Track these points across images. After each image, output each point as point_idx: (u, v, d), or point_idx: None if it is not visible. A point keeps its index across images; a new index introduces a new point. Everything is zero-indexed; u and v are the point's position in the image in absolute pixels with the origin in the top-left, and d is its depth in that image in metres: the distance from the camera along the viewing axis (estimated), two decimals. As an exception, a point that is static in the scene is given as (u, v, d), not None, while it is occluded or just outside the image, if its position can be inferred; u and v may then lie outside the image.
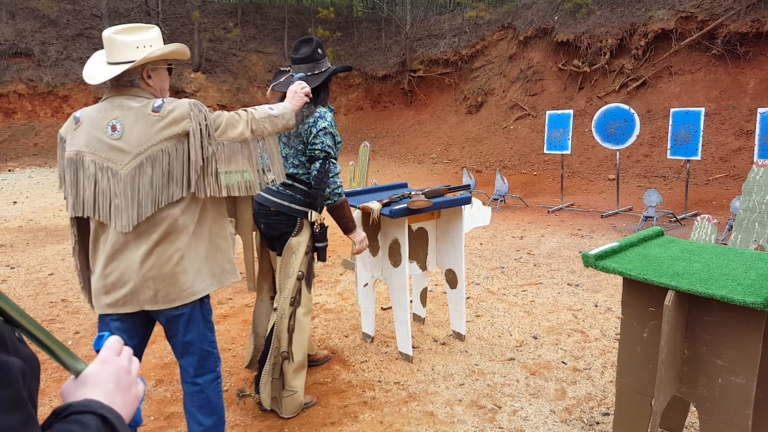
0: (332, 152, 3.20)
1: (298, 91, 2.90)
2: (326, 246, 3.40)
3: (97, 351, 1.00)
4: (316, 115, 3.20)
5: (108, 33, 2.33)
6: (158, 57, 2.38)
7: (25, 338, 0.87)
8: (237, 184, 2.46)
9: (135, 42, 2.33)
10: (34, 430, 0.75)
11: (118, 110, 2.32)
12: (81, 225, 2.50)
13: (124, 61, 2.32)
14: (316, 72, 3.27)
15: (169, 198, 2.32)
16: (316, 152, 3.18)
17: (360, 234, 3.45)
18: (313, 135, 3.18)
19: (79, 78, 21.21)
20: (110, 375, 0.95)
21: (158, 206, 2.30)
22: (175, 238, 2.35)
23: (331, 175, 3.20)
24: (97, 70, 2.37)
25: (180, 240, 2.36)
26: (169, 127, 2.29)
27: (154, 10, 23.21)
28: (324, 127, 3.18)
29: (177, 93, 21.37)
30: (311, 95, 3.02)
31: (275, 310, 3.34)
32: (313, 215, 3.28)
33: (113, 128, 2.29)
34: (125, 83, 2.36)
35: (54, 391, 3.76)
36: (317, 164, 3.18)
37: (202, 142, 2.33)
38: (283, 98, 3.06)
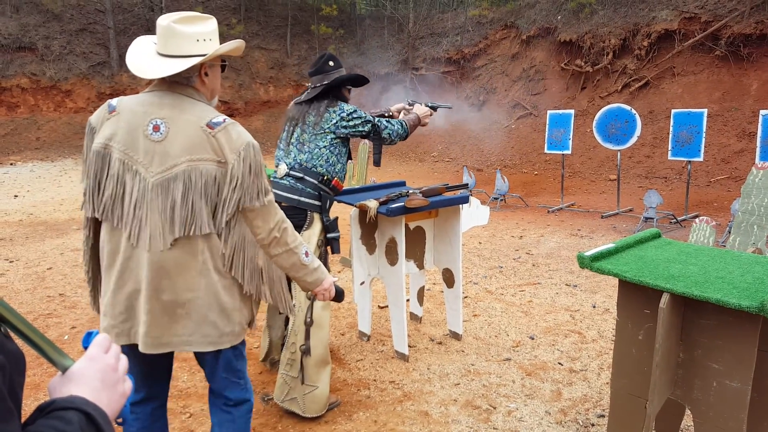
0: (371, 118, 3.46)
1: (326, 293, 2.49)
2: (338, 237, 3.44)
3: (86, 348, 1.00)
4: (337, 105, 3.43)
5: (167, 21, 2.04)
6: (226, 52, 2.14)
7: (11, 333, 0.86)
8: None
9: (196, 34, 2.06)
10: (10, 424, 0.74)
11: (168, 109, 2.03)
12: (97, 227, 2.20)
13: (184, 54, 2.04)
14: (325, 82, 3.45)
15: (207, 228, 2.04)
16: (364, 132, 3.46)
17: (424, 109, 3.92)
18: (342, 119, 3.37)
19: (82, 73, 21.25)
20: (96, 372, 0.95)
21: (189, 231, 2.02)
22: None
23: (386, 134, 3.53)
24: (152, 62, 2.06)
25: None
26: (216, 149, 2.02)
27: (157, 6, 23.16)
28: (353, 109, 3.41)
29: (179, 89, 21.35)
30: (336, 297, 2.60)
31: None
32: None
33: (156, 128, 2.01)
34: (181, 80, 2.09)
35: (49, 386, 3.76)
36: (371, 136, 3.50)
37: (241, 190, 2.04)
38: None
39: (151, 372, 2.30)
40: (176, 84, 2.09)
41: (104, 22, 22.42)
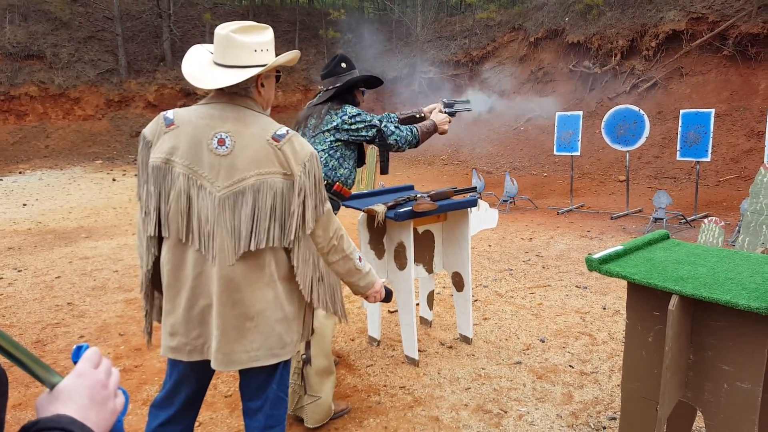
0: (376, 122, 3.33)
1: (377, 295, 2.50)
2: None
3: (76, 363, 0.96)
4: (340, 108, 3.31)
5: (226, 31, 2.03)
6: (284, 63, 2.13)
7: None
8: None
9: (254, 44, 2.04)
10: None
11: (231, 123, 2.02)
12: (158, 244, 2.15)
13: (243, 64, 2.03)
14: (337, 84, 3.37)
15: (276, 241, 2.04)
16: (368, 137, 3.34)
17: (441, 116, 3.72)
18: (344, 122, 3.25)
19: (91, 80, 21.38)
20: (85, 389, 0.91)
21: (258, 246, 2.01)
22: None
23: (392, 141, 3.38)
24: (210, 72, 2.06)
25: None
26: (282, 162, 2.02)
27: (165, 12, 23.30)
28: (357, 113, 3.29)
29: (188, 96, 21.46)
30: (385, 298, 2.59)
31: None
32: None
33: (221, 142, 1.99)
34: (240, 90, 2.07)
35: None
36: (377, 141, 3.37)
37: (308, 201, 2.05)
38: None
39: (199, 392, 2.30)
40: (236, 95, 2.07)
41: (112, 29, 22.59)
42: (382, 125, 3.37)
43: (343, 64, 3.42)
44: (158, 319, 2.22)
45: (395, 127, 3.44)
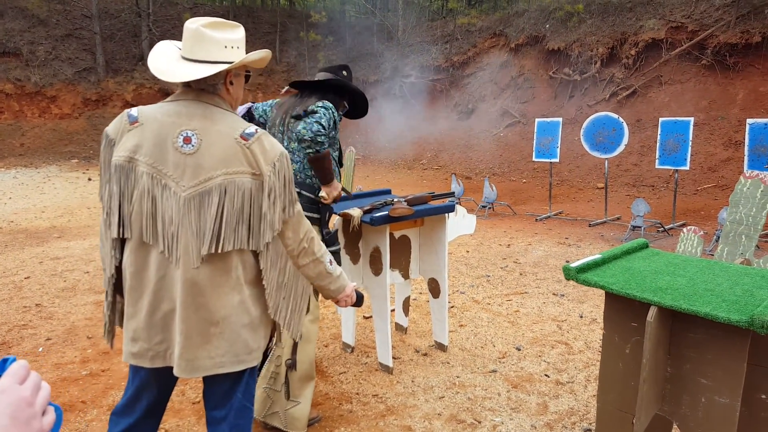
0: (325, 139, 2.97)
1: (348, 299, 2.41)
2: (339, 250, 3.33)
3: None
4: (319, 104, 3.07)
5: (196, 25, 1.97)
6: (254, 61, 2.07)
7: None
8: None
9: (224, 40, 1.99)
10: None
11: (198, 120, 1.94)
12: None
13: (211, 60, 1.97)
14: (330, 77, 3.36)
15: (244, 243, 1.96)
16: (302, 136, 2.93)
17: (336, 186, 3.19)
18: (307, 113, 3.04)
19: (68, 78, 21.08)
20: (6, 408, 0.81)
21: (224, 247, 1.93)
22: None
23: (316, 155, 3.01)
24: (177, 66, 1.99)
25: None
26: (251, 161, 1.94)
27: (144, 11, 23.06)
28: (323, 114, 3.00)
29: (167, 95, 21.21)
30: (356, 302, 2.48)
31: None
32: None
33: (187, 140, 1.91)
34: (207, 87, 2.00)
35: None
36: (306, 149, 2.98)
37: (275, 201, 1.98)
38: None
39: (161, 400, 2.20)
40: (203, 92, 2.00)
41: (90, 27, 22.28)
42: (327, 145, 3.05)
43: (345, 72, 3.44)
44: (120, 324, 2.12)
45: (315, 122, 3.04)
